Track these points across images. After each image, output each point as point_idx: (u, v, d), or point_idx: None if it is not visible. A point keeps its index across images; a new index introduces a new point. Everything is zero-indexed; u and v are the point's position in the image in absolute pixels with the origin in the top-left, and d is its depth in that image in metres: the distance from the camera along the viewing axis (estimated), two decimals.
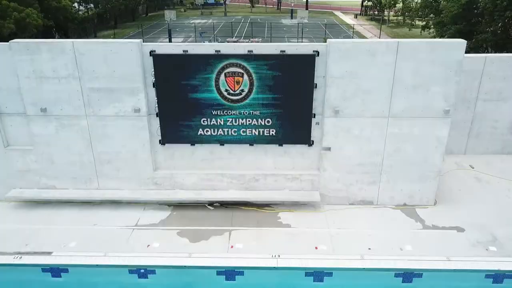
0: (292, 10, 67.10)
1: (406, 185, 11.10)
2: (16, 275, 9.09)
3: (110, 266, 9.07)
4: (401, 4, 49.06)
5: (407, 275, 8.87)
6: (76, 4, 41.28)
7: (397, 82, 9.98)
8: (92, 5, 46.87)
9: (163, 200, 11.22)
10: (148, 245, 9.75)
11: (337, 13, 75.75)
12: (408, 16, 46.66)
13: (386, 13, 58.33)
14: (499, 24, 22.36)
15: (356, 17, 66.97)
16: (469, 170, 13.33)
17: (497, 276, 8.84)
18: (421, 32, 31.29)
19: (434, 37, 31.52)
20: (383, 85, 10.02)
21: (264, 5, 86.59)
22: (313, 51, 9.85)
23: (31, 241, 9.89)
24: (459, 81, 10.18)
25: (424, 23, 32.53)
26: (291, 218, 10.82)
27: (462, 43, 9.73)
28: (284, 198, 11.14)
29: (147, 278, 8.98)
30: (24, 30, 26.91)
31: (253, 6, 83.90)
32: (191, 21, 65.19)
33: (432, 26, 30.04)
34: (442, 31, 27.65)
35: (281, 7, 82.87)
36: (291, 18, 66.39)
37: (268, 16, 73.06)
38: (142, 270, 9.00)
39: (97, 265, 9.10)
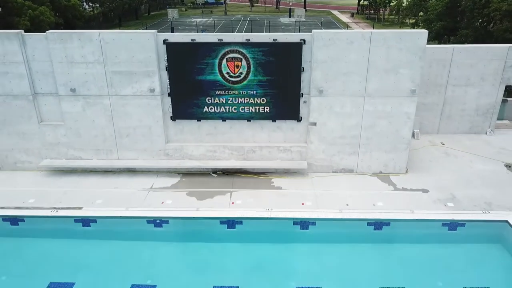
0: (290, 9, 68.98)
1: (381, 155, 12.99)
2: (54, 225, 10.95)
3: (131, 217, 10.95)
4: (394, 3, 50.89)
5: (378, 224, 10.73)
6: (83, 3, 43.12)
7: (371, 66, 11.87)
8: (97, 5, 48.76)
9: (173, 168, 13.11)
10: (162, 202, 11.64)
11: (335, 12, 77.66)
12: (400, 15, 48.57)
13: (381, 12, 60.25)
14: (479, 21, 24.23)
15: (353, 16, 68.88)
16: (440, 146, 15.23)
17: (452, 225, 10.70)
18: (410, 29, 33.09)
19: None
20: (359, 68, 11.91)
21: (263, 5, 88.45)
22: (300, 39, 11.75)
23: (63, 200, 11.78)
24: (423, 66, 12.08)
25: (413, 20, 34.41)
26: (282, 182, 12.72)
27: (424, 33, 11.63)
28: (277, 167, 13.03)
29: (162, 227, 10.85)
30: (38, 27, 28.70)
31: (252, 6, 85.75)
32: (193, 20, 67.04)
33: (420, 23, 31.91)
34: (429, 28, 29.56)
35: (280, 6, 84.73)
36: (289, 16, 68.22)
37: (267, 15, 74.92)
38: (158, 221, 10.87)
39: (120, 216, 10.98)
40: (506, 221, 10.54)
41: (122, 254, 10.33)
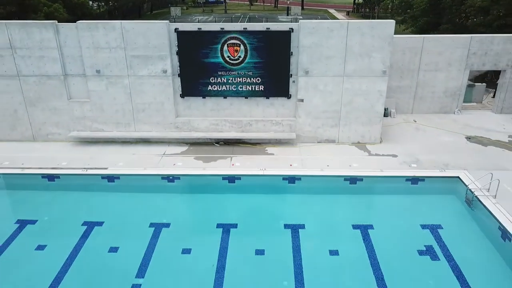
0: (288, 7, 71.23)
1: (358, 127, 15.30)
2: (84, 181, 13.25)
3: (149, 175, 13.27)
4: (388, 1, 53.15)
5: (353, 179, 13.03)
6: (90, 1, 45.48)
7: (349, 50, 14.17)
8: (103, 3, 51.08)
9: (182, 138, 15.42)
10: (174, 164, 13.94)
11: (331, 10, 79.91)
12: (389, 13, 50.91)
13: (375, 10, 62.53)
14: (458, 17, 26.45)
15: (348, 14, 71.18)
16: (412, 123, 17.54)
17: (414, 180, 13.02)
18: (399, 25, 35.42)
19: (407, 29, 35.71)
20: (339, 52, 14.20)
21: (262, 3, 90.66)
22: (289, 28, 14.05)
23: (90, 163, 14.04)
24: (392, 50, 14.37)
25: (402, 18, 36.71)
26: (275, 150, 15.02)
27: (392, 22, 13.94)
28: (270, 137, 15.34)
29: (173, 182, 13.15)
30: None
31: (251, 4, 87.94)
32: (194, 17, 69.30)
33: (407, 20, 34.20)
34: (415, 24, 31.82)
35: (278, 5, 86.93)
36: (287, 14, 70.44)
37: (266, 13, 77.11)
38: (170, 177, 13.18)
39: (139, 174, 13.30)
40: (458, 177, 12.87)
41: (141, 202, 12.63)
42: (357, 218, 11.62)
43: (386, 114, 18.02)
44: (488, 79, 23.21)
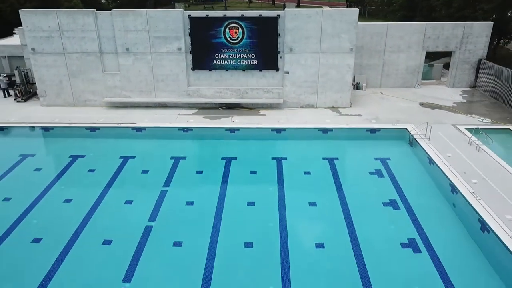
0: (284, 4, 75.20)
1: (332, 94, 19.29)
2: (118, 131, 17.21)
3: (169, 127, 17.26)
4: None
5: (325, 130, 17.02)
6: None
7: (323, 32, 18.15)
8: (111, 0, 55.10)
9: (193, 103, 19.40)
10: (187, 121, 17.93)
11: (326, 7, 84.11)
12: (380, 9, 54.88)
13: (367, 7, 66.46)
14: (427, 10, 30.40)
15: None
16: (379, 94, 21.54)
17: (372, 130, 17.03)
18: (384, 20, 39.29)
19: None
20: (315, 33, 18.19)
21: (260, 1, 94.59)
22: (277, 15, 18.04)
23: (121, 120, 18.02)
24: (357, 32, 18.36)
25: (385, 13, 40.65)
26: (266, 112, 19.00)
27: (356, 10, 17.97)
28: (263, 102, 19.32)
29: (188, 132, 17.13)
30: None
31: (250, 2, 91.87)
32: None
33: (387, 15, 38.09)
34: (394, 17, 35.76)
35: (276, 2, 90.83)
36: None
37: (264, 10, 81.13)
38: (185, 128, 17.17)
39: (162, 127, 17.30)
40: (405, 128, 16.88)
41: (163, 145, 16.63)
42: (326, 154, 15.63)
43: (358, 87, 22.09)
44: None
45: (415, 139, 15.82)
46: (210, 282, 9.50)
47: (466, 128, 16.56)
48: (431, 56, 25.82)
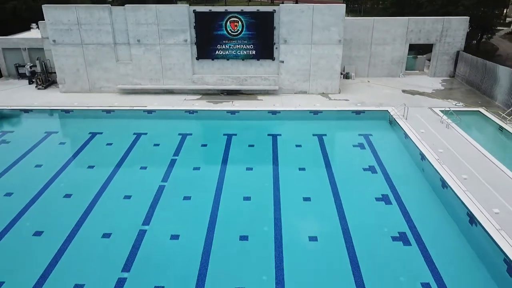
0: (282, 2, 77.47)
1: (323, 82, 21.42)
2: (131, 113, 19.36)
3: (177, 110, 19.40)
4: None
5: (315, 112, 19.16)
6: None
7: (314, 25, 20.28)
8: None
9: (197, 90, 21.53)
10: (193, 105, 20.06)
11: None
12: (375, 7, 57.18)
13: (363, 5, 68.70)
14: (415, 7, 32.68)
15: None
16: (366, 82, 23.67)
17: (357, 112, 19.17)
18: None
19: None
20: (307, 26, 20.32)
21: (260, 0, 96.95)
22: (273, 9, 20.17)
23: (133, 103, 20.15)
24: (345, 25, 20.50)
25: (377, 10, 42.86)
26: (263, 97, 21.14)
27: (343, 6, 20.12)
28: (260, 89, 21.45)
29: (193, 114, 19.27)
30: None
31: (250, 0, 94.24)
32: None
33: (380, 12, 40.32)
34: (386, 13, 37.94)
35: (275, 1, 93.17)
36: None
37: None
38: (191, 111, 19.30)
39: (170, 109, 19.45)
40: (387, 110, 19.01)
41: (171, 124, 18.77)
42: (315, 131, 17.74)
43: (348, 77, 24.22)
44: None
45: (394, 119, 17.95)
46: (215, 227, 11.61)
47: (440, 110, 18.68)
48: (420, 50, 27.90)
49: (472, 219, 11.11)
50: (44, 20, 20.82)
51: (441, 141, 15.72)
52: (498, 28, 37.22)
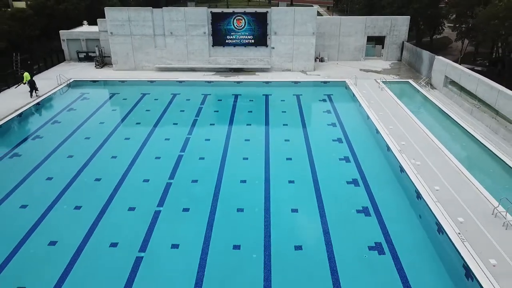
0: (278, 3, 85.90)
1: (302, 62, 30.00)
2: (167, 83, 27.88)
3: (199, 80, 27.96)
4: None
5: (296, 82, 27.75)
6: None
7: (295, 22, 28.85)
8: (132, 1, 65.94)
9: (212, 68, 30.11)
10: (210, 77, 28.62)
11: (315, 6, 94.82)
12: (357, 8, 65.95)
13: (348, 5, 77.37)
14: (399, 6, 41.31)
15: (328, 9, 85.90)
16: (336, 64, 32.24)
17: (324, 82, 27.75)
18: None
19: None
20: (290, 22, 28.88)
21: (258, 0, 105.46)
22: (266, 11, 28.74)
23: (168, 77, 28.66)
24: (317, 22, 29.07)
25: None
26: (260, 73, 29.72)
27: (315, 8, 28.68)
28: (257, 67, 30.03)
29: (210, 83, 27.85)
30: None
31: (249, 0, 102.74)
32: None
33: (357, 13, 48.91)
34: (361, 13, 46.59)
35: (272, 1, 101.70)
36: None
37: (260, 8, 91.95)
38: (209, 82, 27.87)
39: (194, 80, 28.02)
40: (344, 81, 27.62)
41: (195, 89, 27.29)
42: (295, 93, 26.29)
43: (322, 60, 32.80)
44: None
45: (348, 85, 26.57)
46: (223, 175, 19.63)
47: (381, 81, 27.25)
48: (382, 42, 36.48)
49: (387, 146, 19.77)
50: (87, 18, 29.32)
51: (375, 98, 24.32)
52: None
